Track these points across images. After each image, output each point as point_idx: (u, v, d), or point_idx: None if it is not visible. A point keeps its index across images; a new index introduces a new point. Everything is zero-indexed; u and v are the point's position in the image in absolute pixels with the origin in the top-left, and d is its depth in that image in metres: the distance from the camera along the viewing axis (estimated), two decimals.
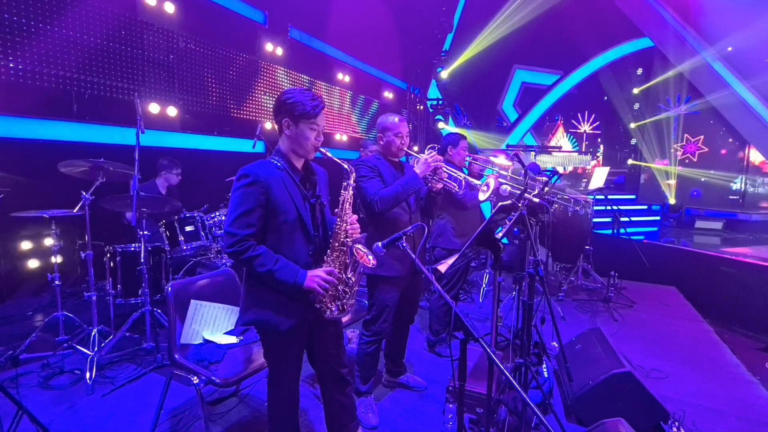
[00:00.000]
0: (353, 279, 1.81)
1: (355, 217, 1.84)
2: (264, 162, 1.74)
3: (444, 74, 9.01)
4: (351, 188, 1.84)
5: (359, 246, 1.77)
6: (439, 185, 2.54)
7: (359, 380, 2.60)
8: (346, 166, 1.87)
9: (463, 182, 2.66)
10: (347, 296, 1.81)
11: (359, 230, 1.83)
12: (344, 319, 2.83)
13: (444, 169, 2.55)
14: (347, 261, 1.81)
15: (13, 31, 3.58)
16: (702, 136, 9.87)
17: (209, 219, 3.90)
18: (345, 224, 1.78)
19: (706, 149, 9.90)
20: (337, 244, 1.78)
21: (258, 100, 6.10)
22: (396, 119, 2.44)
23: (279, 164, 1.74)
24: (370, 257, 1.73)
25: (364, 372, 2.59)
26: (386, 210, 2.32)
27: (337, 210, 1.81)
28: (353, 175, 1.86)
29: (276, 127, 1.80)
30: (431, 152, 2.44)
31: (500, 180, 2.98)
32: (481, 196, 2.57)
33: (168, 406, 2.54)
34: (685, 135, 9.99)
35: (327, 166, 2.06)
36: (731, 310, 4.53)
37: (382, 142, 2.46)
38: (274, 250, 1.70)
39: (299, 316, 1.76)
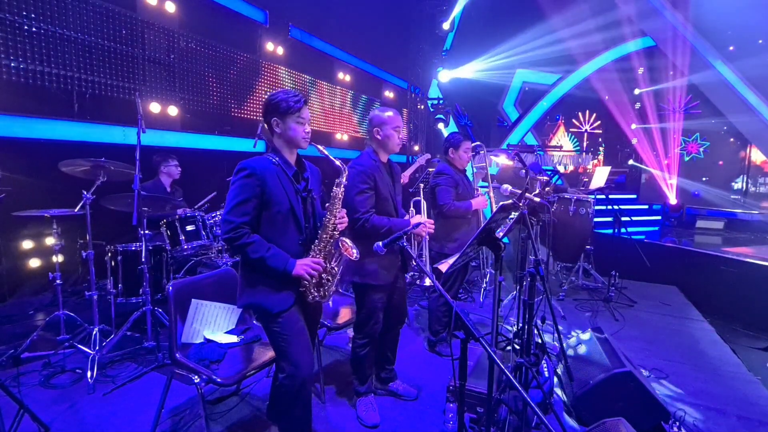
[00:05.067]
0: (336, 269, 1.99)
1: (344, 211, 1.98)
2: (260, 158, 1.88)
3: (445, 77, 9.02)
4: (342, 185, 1.98)
5: (345, 239, 1.94)
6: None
7: (357, 381, 2.59)
8: (338, 164, 1.99)
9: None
10: (329, 284, 1.98)
11: (347, 223, 1.99)
12: (344, 319, 2.86)
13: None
14: (332, 252, 1.97)
15: (14, 30, 3.58)
16: (709, 143, 9.87)
17: (210, 218, 3.89)
18: (334, 218, 1.93)
19: (703, 156, 9.92)
20: (325, 236, 1.93)
21: (259, 99, 6.10)
22: (391, 113, 2.42)
23: (274, 160, 1.89)
24: (354, 251, 1.92)
25: (360, 373, 2.58)
26: (372, 233, 2.32)
27: (328, 204, 1.95)
28: (345, 174, 1.98)
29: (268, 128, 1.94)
30: (427, 225, 2.47)
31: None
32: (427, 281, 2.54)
33: (169, 405, 2.55)
34: (696, 134, 9.97)
35: (323, 165, 2.17)
36: (732, 310, 4.53)
37: (379, 137, 2.41)
38: (267, 239, 1.84)
39: (291, 300, 1.89)
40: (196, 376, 2.09)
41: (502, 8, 9.17)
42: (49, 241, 3.63)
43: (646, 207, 8.92)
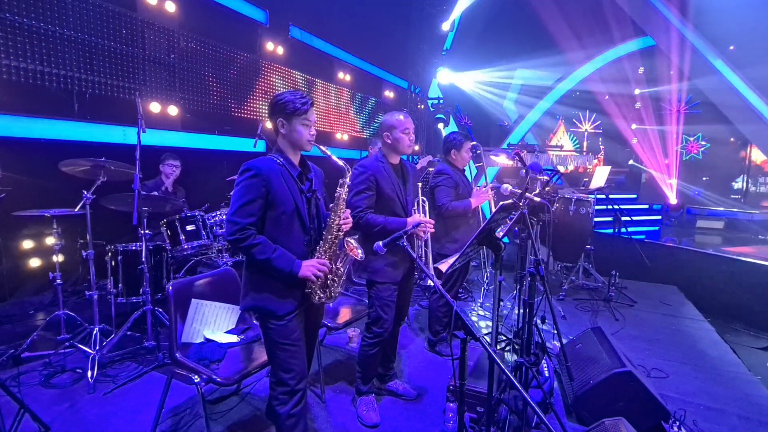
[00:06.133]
0: (342, 269, 1.98)
1: (348, 212, 1.98)
2: (265, 158, 1.87)
3: (445, 77, 9.02)
4: (346, 185, 1.98)
5: (350, 240, 1.93)
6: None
7: (360, 380, 2.59)
8: (341, 164, 1.99)
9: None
10: (335, 285, 1.97)
11: (351, 224, 1.98)
12: (344, 318, 2.86)
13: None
14: (338, 252, 1.97)
15: (14, 30, 3.58)
16: (709, 144, 9.89)
17: (210, 218, 3.89)
18: (338, 219, 1.92)
19: (700, 157, 9.95)
20: (330, 237, 1.92)
21: (259, 99, 6.10)
22: (401, 116, 2.45)
23: (278, 161, 1.87)
24: (359, 251, 1.91)
25: (366, 372, 2.58)
26: (367, 230, 2.36)
27: (332, 205, 1.94)
28: (348, 174, 1.99)
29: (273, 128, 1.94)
30: (427, 225, 2.45)
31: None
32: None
33: (169, 405, 2.55)
34: (699, 134, 9.98)
35: (325, 165, 2.17)
36: (732, 310, 4.53)
37: (389, 140, 2.45)
38: (272, 240, 1.81)
39: (296, 302, 1.88)
40: (196, 376, 2.08)
41: (500, 12, 9.17)
42: (50, 240, 3.63)
43: (646, 207, 8.93)
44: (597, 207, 5.32)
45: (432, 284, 2.20)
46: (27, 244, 4.03)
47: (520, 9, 9.25)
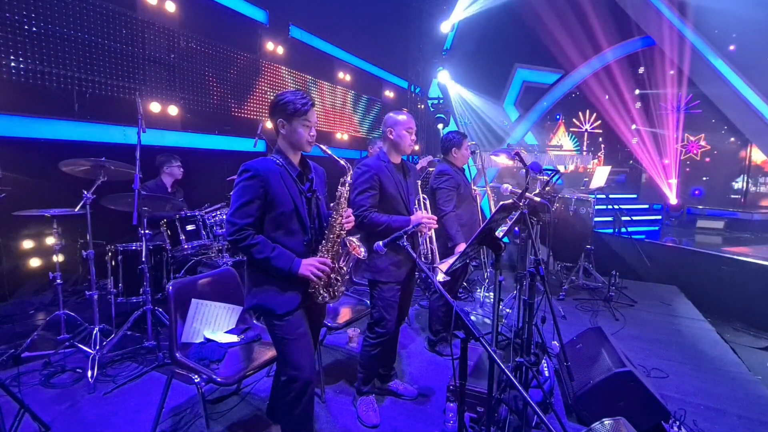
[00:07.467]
0: (344, 269, 1.99)
1: (350, 211, 1.98)
2: (264, 159, 1.87)
3: (445, 79, 9.03)
4: (347, 184, 1.98)
5: (352, 238, 1.94)
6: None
7: (361, 381, 2.59)
8: (343, 163, 2.00)
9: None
10: (338, 284, 1.98)
11: (353, 223, 1.99)
12: (344, 318, 2.86)
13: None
14: (340, 251, 1.96)
15: (15, 30, 3.58)
16: (709, 147, 9.90)
17: (210, 218, 3.90)
18: (340, 218, 1.93)
19: (698, 157, 9.96)
20: (332, 236, 1.92)
21: (259, 99, 6.11)
22: (405, 116, 2.47)
23: (278, 161, 1.88)
24: (362, 249, 1.93)
25: (367, 373, 2.57)
26: (370, 230, 2.36)
27: (333, 204, 1.95)
28: (350, 173, 2.00)
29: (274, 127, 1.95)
30: (431, 220, 2.43)
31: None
32: (440, 277, 2.45)
33: (169, 405, 2.55)
34: (703, 134, 9.99)
35: (327, 164, 2.17)
36: (732, 310, 4.53)
37: (392, 136, 2.45)
38: (272, 240, 1.83)
39: (297, 301, 1.89)
40: (197, 376, 2.08)
41: (501, 14, 9.17)
42: (50, 240, 3.63)
43: (646, 207, 8.93)
44: (597, 207, 5.32)
45: (440, 279, 2.20)
46: (27, 244, 4.04)
47: (518, 10, 9.26)
